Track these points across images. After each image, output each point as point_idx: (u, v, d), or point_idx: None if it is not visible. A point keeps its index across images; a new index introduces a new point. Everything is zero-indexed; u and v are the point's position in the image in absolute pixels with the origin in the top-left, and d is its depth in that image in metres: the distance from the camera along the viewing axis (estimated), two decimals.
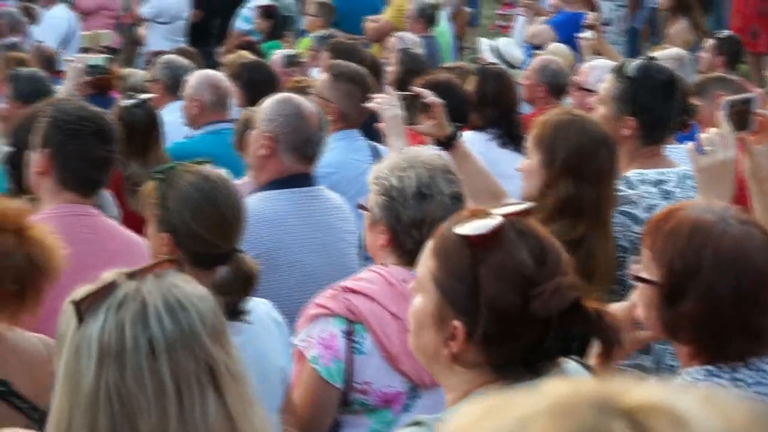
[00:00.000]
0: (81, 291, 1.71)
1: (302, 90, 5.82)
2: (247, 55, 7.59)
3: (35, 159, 3.45)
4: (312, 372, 2.97)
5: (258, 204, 3.88)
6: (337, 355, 2.94)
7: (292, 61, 8.43)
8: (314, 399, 3.00)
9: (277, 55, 8.68)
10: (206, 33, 12.44)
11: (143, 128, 5.22)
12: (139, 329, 1.65)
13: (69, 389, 1.67)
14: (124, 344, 1.65)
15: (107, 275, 1.73)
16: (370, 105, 4.16)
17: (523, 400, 0.86)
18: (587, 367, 2.08)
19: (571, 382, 0.88)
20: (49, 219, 3.16)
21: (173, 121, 5.94)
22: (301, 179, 4.12)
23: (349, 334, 2.95)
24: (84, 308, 1.68)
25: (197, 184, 2.94)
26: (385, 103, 4.02)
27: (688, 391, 0.86)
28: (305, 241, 4.00)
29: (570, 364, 2.02)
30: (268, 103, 4.19)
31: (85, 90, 6.53)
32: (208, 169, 3.01)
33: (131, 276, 1.72)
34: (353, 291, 2.99)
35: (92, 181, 3.49)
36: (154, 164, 5.19)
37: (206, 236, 2.90)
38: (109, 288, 1.70)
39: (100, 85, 6.84)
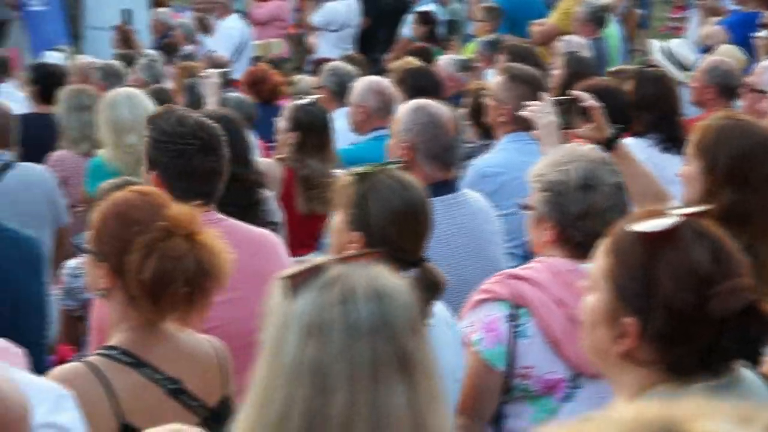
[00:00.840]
0: (293, 269, 1.79)
1: (479, 95, 5.87)
2: (412, 62, 7.66)
3: (150, 180, 3.51)
4: (475, 356, 3.02)
5: None
6: (500, 338, 2.99)
7: (465, 66, 8.48)
8: (477, 383, 3.04)
9: (444, 60, 8.73)
10: (374, 40, 12.60)
11: (319, 126, 5.37)
12: (343, 310, 1.71)
13: (271, 360, 1.73)
14: (328, 323, 1.71)
15: (317, 258, 1.81)
16: (524, 112, 4.15)
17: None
18: (764, 377, 2.06)
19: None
20: None
21: (339, 128, 6.04)
22: (445, 187, 4.12)
23: (512, 318, 3.00)
24: (294, 285, 1.76)
25: (398, 191, 3.03)
26: (540, 110, 4.02)
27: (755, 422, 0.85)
28: (457, 248, 4.01)
29: (745, 370, 2.00)
30: (403, 112, 4.21)
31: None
32: (407, 176, 3.11)
33: (340, 261, 1.79)
34: (519, 277, 3.05)
35: (203, 194, 3.39)
36: (329, 162, 5.33)
37: (399, 242, 2.98)
38: (320, 268, 1.77)
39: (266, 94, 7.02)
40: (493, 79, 5.97)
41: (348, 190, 3.07)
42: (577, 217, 3.03)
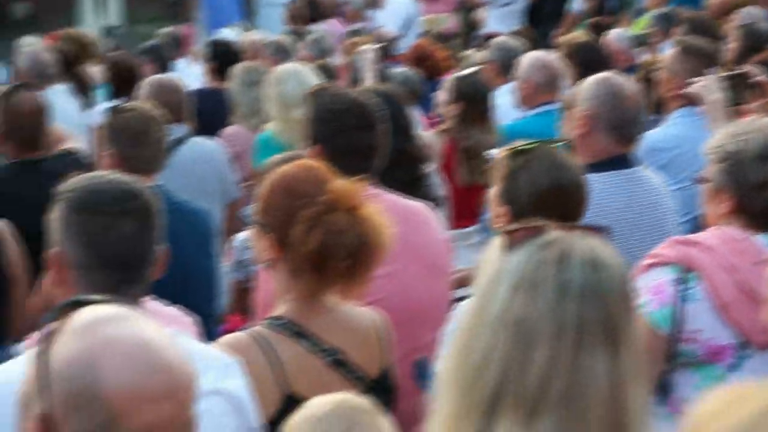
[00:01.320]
0: (514, 225, 1.82)
1: (651, 69, 5.77)
2: (581, 36, 7.55)
3: (310, 155, 3.56)
4: (640, 318, 2.99)
5: None
6: (665, 300, 2.96)
7: (640, 41, 8.32)
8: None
9: (613, 34, 8.58)
10: (542, 14, 12.46)
11: (481, 96, 5.37)
12: (557, 270, 1.72)
13: (479, 310, 1.76)
14: (540, 280, 1.72)
15: (538, 220, 1.84)
16: (690, 89, 4.06)
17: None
18: None
19: None
20: None
21: (504, 104, 6.02)
22: (621, 161, 4.07)
23: (680, 282, 2.97)
24: (512, 241, 1.78)
25: (549, 170, 3.03)
26: (707, 86, 3.92)
27: None
28: (632, 222, 3.96)
29: None
30: (588, 82, 4.19)
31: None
32: (564, 155, 3.10)
33: (561, 227, 1.82)
34: (689, 242, 3.03)
35: (361, 170, 3.49)
36: (491, 133, 5.33)
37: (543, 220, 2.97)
38: (540, 229, 1.79)
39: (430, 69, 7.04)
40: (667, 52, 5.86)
41: (503, 163, 3.08)
42: (757, 186, 3.00)
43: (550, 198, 3.03)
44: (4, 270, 4.01)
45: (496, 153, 3.23)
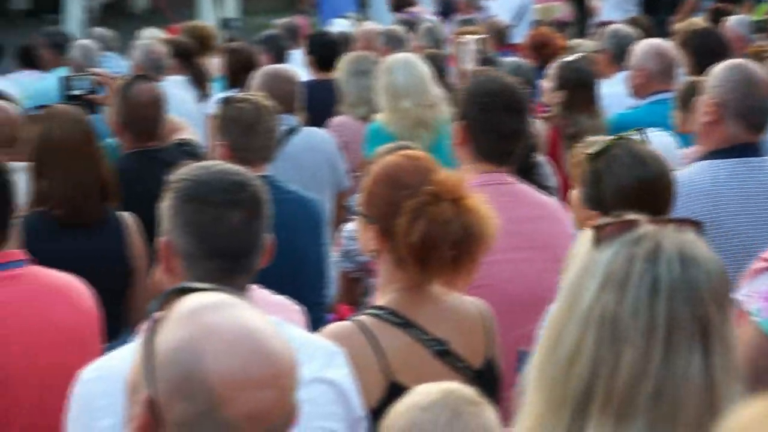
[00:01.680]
0: (604, 220, 1.81)
1: (761, 56, 5.64)
2: (698, 23, 7.41)
3: (455, 130, 3.65)
4: (753, 327, 2.91)
5: (696, 174, 3.82)
6: None
7: (761, 27, 8.13)
8: (754, 357, 2.93)
9: (733, 20, 8.40)
10: (659, 2, 12.25)
11: (586, 82, 5.32)
12: (648, 266, 1.70)
13: (567, 305, 1.75)
14: (630, 276, 1.70)
15: (629, 215, 1.82)
16: None
17: None
18: None
19: None
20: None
21: (616, 93, 5.94)
22: (747, 149, 3.97)
23: None
24: (602, 235, 1.77)
25: (633, 167, 2.99)
26: None
27: None
28: (751, 216, 3.87)
29: None
30: (718, 69, 4.10)
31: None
32: (646, 149, 3.05)
33: (652, 221, 1.79)
34: None
35: (503, 153, 3.61)
36: (597, 119, 5.28)
37: None
38: (630, 224, 1.77)
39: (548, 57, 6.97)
40: None
41: (583, 166, 3.04)
42: None
43: (636, 195, 2.97)
44: (129, 261, 4.11)
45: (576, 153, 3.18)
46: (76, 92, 5.76)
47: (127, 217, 4.13)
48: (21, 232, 3.93)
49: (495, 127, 3.58)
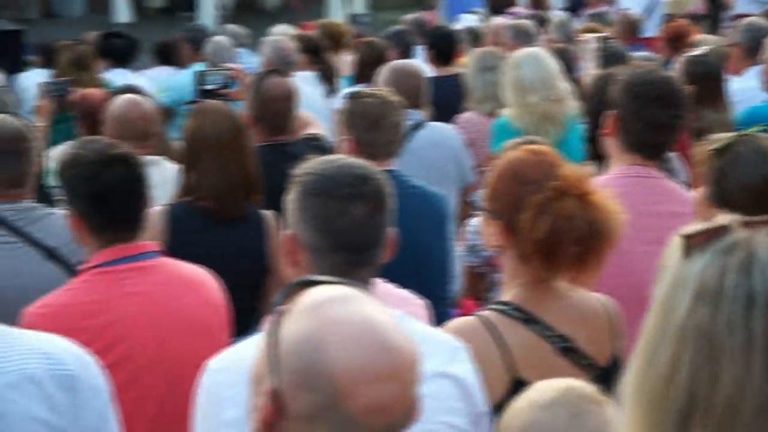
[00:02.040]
0: (693, 227, 1.76)
1: None
2: None
3: (606, 120, 3.60)
4: None
5: None
6: None
7: None
8: None
9: None
10: None
11: (713, 76, 5.21)
12: (742, 278, 1.62)
13: (661, 318, 1.71)
14: (723, 288, 1.63)
15: (721, 218, 1.77)
16: None
17: None
18: None
19: None
20: (613, 180, 3.28)
21: (750, 88, 5.79)
22: None
23: None
24: (693, 244, 1.72)
25: (758, 164, 2.91)
26: None
27: None
28: None
29: None
30: None
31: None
32: None
33: (746, 225, 1.74)
34: None
35: (654, 145, 3.54)
36: (724, 113, 5.16)
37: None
38: (721, 231, 1.71)
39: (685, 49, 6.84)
40: None
41: (707, 163, 2.96)
42: None
43: (762, 193, 2.89)
44: (267, 259, 4.17)
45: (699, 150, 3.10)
46: (210, 87, 5.88)
47: (269, 216, 4.19)
48: (167, 222, 4.03)
49: (647, 118, 3.50)
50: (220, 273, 3.36)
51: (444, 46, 7.52)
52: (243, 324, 3.46)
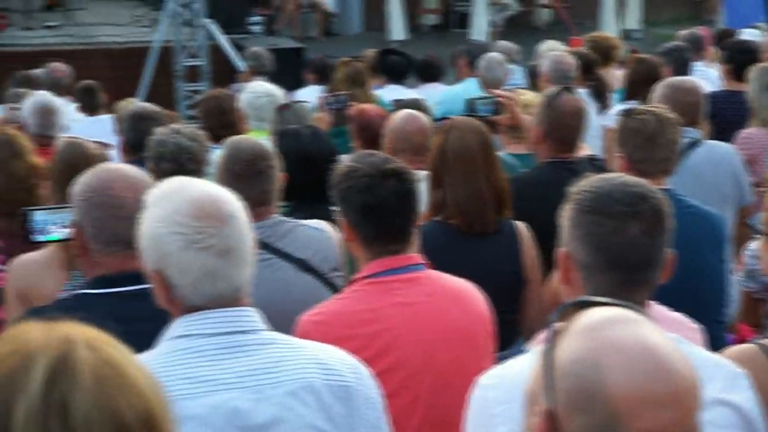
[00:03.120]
0: None
1: None
2: None
3: None
4: None
5: None
6: None
7: None
8: None
9: None
10: None
11: None
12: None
13: None
14: None
15: None
16: None
17: None
18: None
19: None
20: None
21: None
22: None
23: None
24: None
25: None
26: None
27: None
28: None
29: None
30: None
31: None
32: None
33: None
34: None
35: None
36: None
37: None
38: None
39: None
40: None
41: None
42: None
43: None
44: (522, 271, 4.16)
45: None
46: (480, 115, 5.90)
47: (521, 227, 4.18)
48: (420, 239, 4.10)
49: None
50: (477, 286, 3.36)
51: (743, 61, 7.24)
52: (504, 337, 3.46)
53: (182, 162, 4.26)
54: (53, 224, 3.58)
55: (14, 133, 4.97)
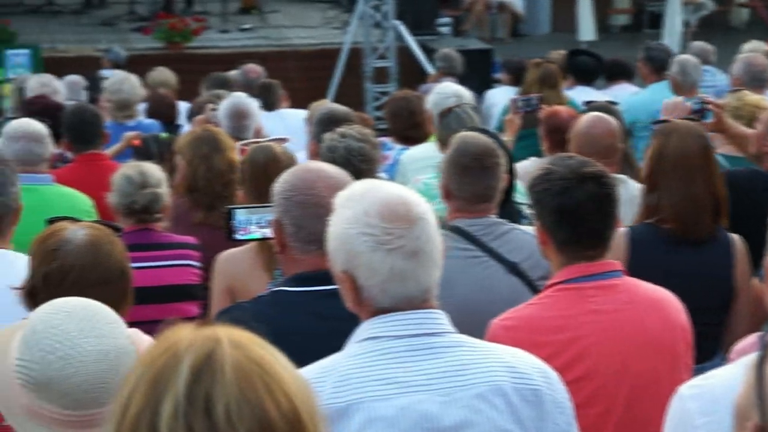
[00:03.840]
0: None
1: None
2: None
3: None
4: None
5: None
6: None
7: None
8: None
9: None
10: None
11: None
12: None
13: None
14: None
15: None
16: None
17: None
18: None
19: None
20: None
21: None
22: None
23: None
24: None
25: None
26: None
27: None
28: None
29: None
30: None
31: None
32: None
33: None
34: None
35: None
36: None
37: None
38: None
39: None
40: None
41: None
42: None
43: None
44: (733, 282, 4.01)
45: None
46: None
47: (737, 239, 4.04)
48: (628, 242, 3.99)
49: None
50: (683, 294, 3.26)
51: None
52: (706, 348, 3.34)
53: (354, 164, 4.28)
54: (254, 223, 3.66)
55: (217, 129, 5.21)
